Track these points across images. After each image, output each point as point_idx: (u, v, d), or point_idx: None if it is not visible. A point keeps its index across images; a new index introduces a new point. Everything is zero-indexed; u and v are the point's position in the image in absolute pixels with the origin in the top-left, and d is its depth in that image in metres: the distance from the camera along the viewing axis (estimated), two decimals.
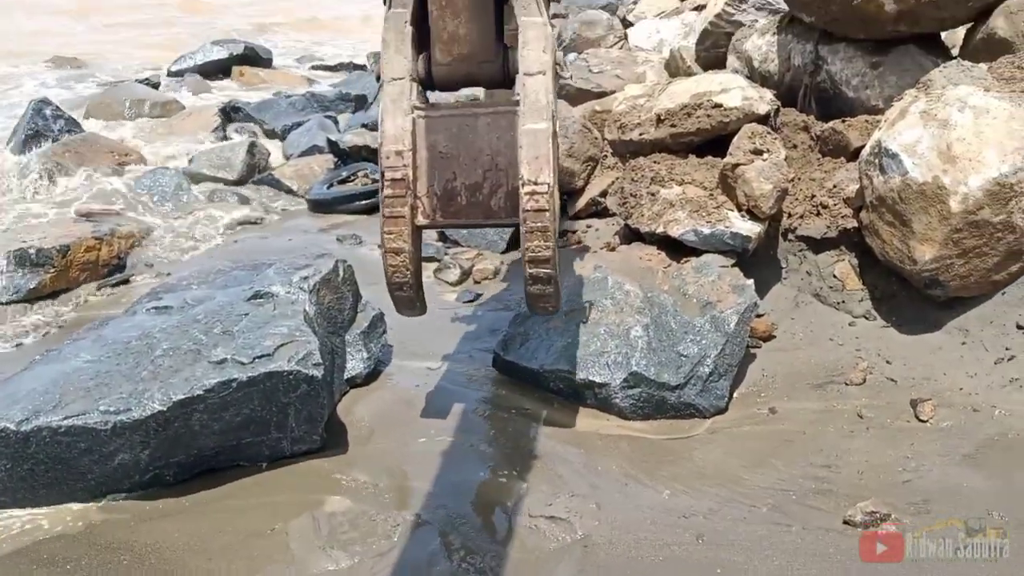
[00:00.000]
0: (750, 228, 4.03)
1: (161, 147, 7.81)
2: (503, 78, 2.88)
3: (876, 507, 2.79)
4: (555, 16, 3.05)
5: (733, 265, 3.96)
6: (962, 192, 3.53)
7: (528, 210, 2.59)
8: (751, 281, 3.82)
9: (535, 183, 2.57)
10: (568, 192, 5.58)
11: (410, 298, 2.87)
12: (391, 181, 2.70)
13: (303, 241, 5.64)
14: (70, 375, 3.22)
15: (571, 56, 9.87)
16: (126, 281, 5.23)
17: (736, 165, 4.09)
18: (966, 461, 3.05)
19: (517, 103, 2.67)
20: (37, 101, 7.36)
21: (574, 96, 7.81)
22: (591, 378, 3.61)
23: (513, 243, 5.32)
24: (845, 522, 2.79)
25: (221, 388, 3.12)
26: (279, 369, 3.18)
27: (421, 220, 2.81)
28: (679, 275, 3.94)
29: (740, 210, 4.10)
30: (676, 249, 4.08)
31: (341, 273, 3.95)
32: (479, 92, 4.05)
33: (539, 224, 2.59)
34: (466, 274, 5.07)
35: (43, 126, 7.16)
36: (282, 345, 3.28)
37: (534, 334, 3.86)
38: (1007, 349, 3.57)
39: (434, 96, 2.98)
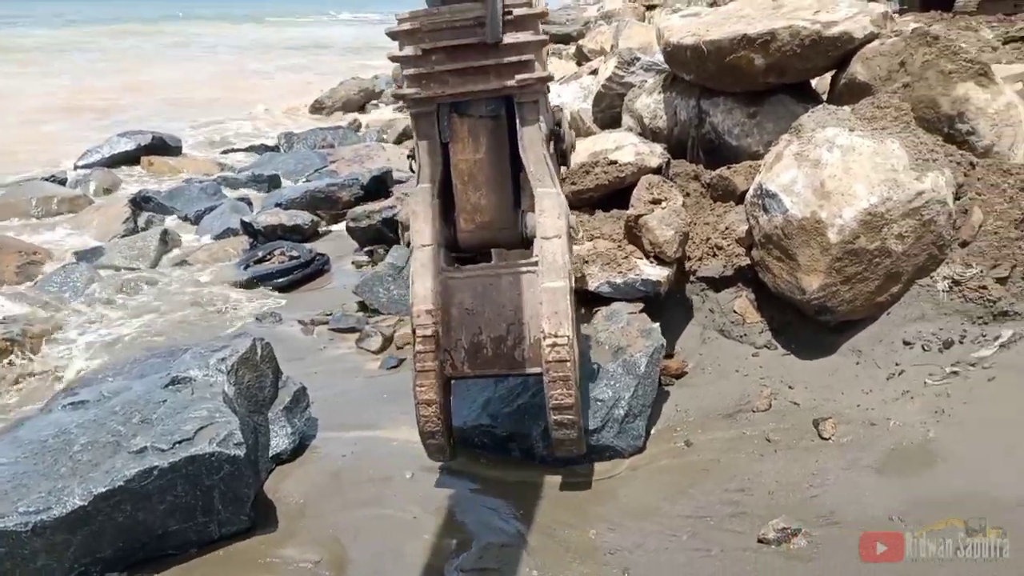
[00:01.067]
0: (659, 273, 4.24)
1: (70, 242, 7.71)
2: (519, 241, 3.14)
3: (787, 523, 2.95)
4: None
5: (641, 311, 4.16)
6: (838, 224, 3.83)
7: (551, 361, 2.81)
8: (657, 324, 4.01)
9: (556, 336, 2.80)
10: (482, 254, 5.75)
11: (440, 445, 3.08)
12: (422, 338, 2.94)
13: (220, 322, 5.63)
14: None
15: None
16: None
17: (639, 216, 4.32)
18: (866, 472, 3.24)
19: (535, 263, 2.93)
20: None
21: None
22: (511, 431, 3.71)
23: None
24: (759, 540, 2.94)
25: (142, 477, 3.11)
26: (200, 452, 3.19)
27: (450, 372, 3.04)
28: (591, 324, 4.11)
29: (647, 257, 4.32)
30: (590, 300, 4.26)
31: (259, 351, 3.98)
32: None
33: (561, 374, 2.81)
34: (388, 341, 5.14)
35: None
36: (202, 428, 3.29)
37: (455, 391, 3.90)
38: (897, 364, 3.83)
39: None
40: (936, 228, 3.90)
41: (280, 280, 6.31)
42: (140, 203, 8.46)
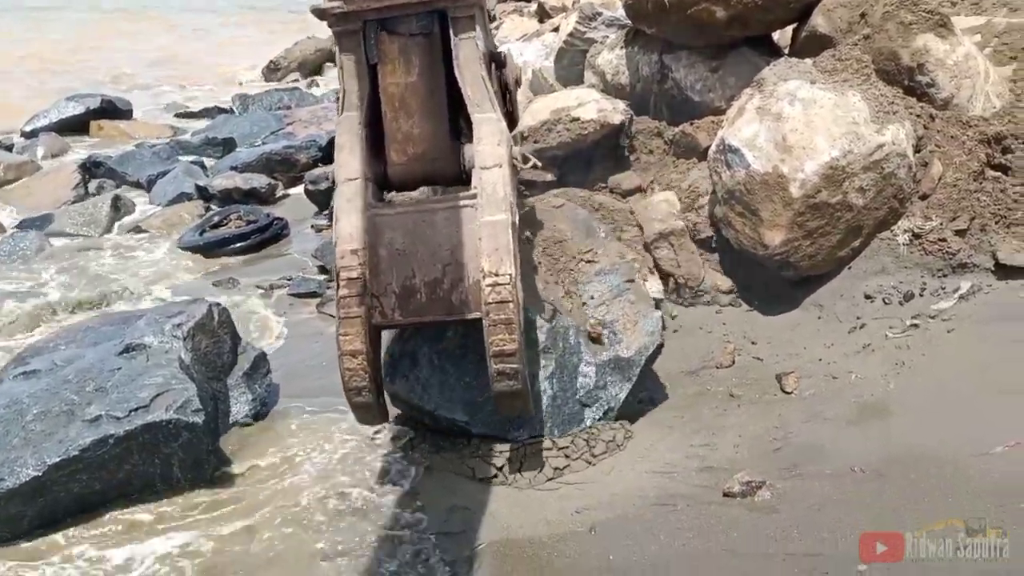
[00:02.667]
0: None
1: (19, 210, 7.44)
2: (458, 174, 2.90)
3: (751, 476, 2.97)
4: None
5: None
6: (800, 178, 3.83)
7: (491, 302, 2.59)
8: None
9: (496, 275, 2.59)
10: None
11: (368, 403, 2.83)
12: (346, 280, 2.69)
13: (177, 289, 5.49)
14: None
15: None
16: None
17: None
18: (828, 424, 3.28)
19: (474, 196, 2.69)
20: None
21: None
22: (486, 433, 3.41)
23: None
24: (725, 494, 2.96)
25: (97, 446, 3.04)
26: (157, 420, 3.13)
27: (379, 319, 2.79)
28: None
29: None
30: None
31: (216, 316, 3.89)
32: None
33: (502, 316, 2.58)
34: None
35: None
36: (158, 395, 3.23)
37: (424, 359, 3.48)
38: (858, 318, 3.86)
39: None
40: (896, 181, 3.91)
41: (237, 245, 6.16)
42: (90, 168, 8.17)
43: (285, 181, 7.65)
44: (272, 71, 14.70)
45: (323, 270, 5.56)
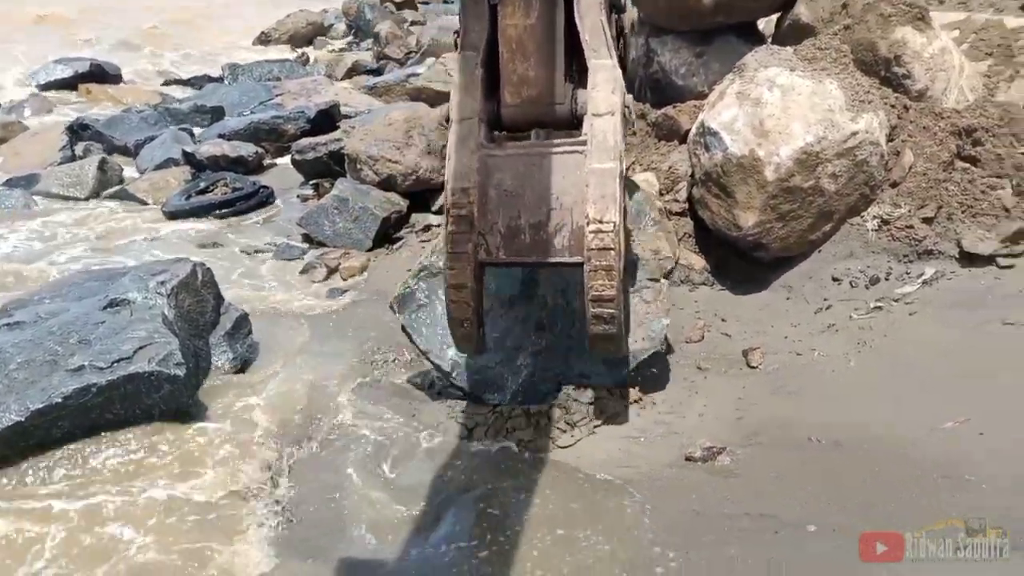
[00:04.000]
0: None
1: (5, 170, 7.45)
2: (571, 120, 2.89)
3: (712, 443, 3.10)
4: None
5: None
6: (775, 162, 3.93)
7: (593, 248, 2.62)
8: None
9: (600, 221, 2.61)
10: (430, 188, 5.75)
11: (469, 334, 2.89)
12: (456, 218, 2.76)
13: (163, 251, 5.54)
14: None
15: (429, 60, 10.09)
16: None
17: None
18: (791, 398, 3.40)
19: (584, 143, 2.71)
20: None
21: (434, 98, 8.03)
22: (470, 392, 3.59)
23: (380, 241, 5.44)
24: (687, 458, 3.08)
25: (80, 394, 3.11)
26: (139, 371, 3.20)
27: (484, 256, 2.83)
28: None
29: None
30: None
31: (200, 276, 3.96)
32: None
33: (604, 263, 2.62)
34: (332, 272, 5.14)
35: None
36: (141, 348, 3.30)
37: (438, 302, 3.56)
38: (825, 300, 3.98)
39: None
40: (868, 168, 4.02)
41: (223, 211, 6.22)
42: (77, 131, 8.19)
43: (272, 151, 7.70)
44: (262, 42, 14.64)
45: (307, 239, 5.63)
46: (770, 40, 5.12)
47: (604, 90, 2.73)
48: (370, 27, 14.46)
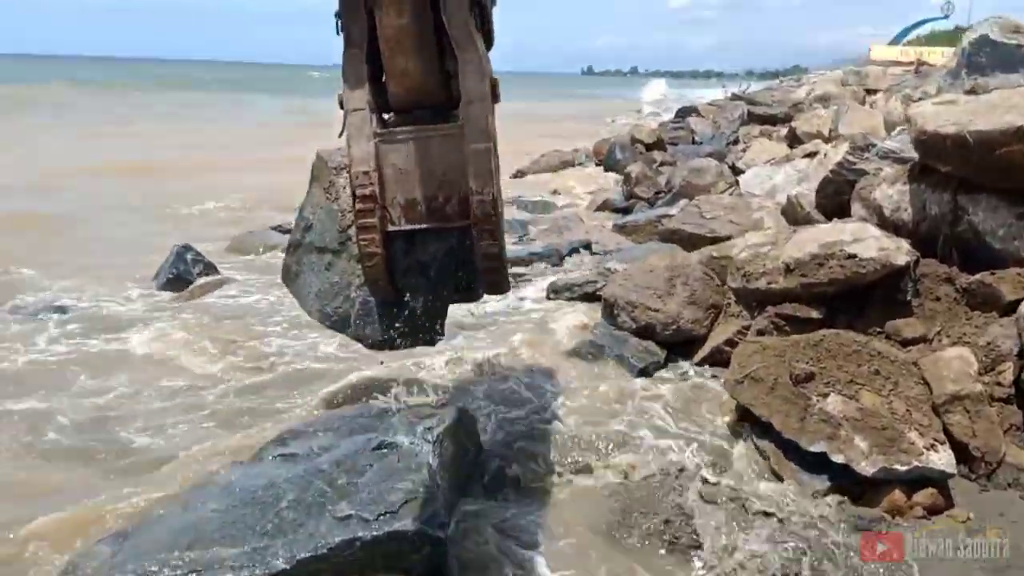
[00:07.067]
0: (947, 462, 3.51)
1: None
2: (449, 101, 3.35)
3: None
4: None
5: None
6: None
7: (478, 215, 3.24)
8: None
9: (481, 193, 3.21)
10: (690, 339, 5.44)
11: (385, 288, 3.55)
12: (361, 197, 3.31)
13: None
14: (197, 526, 3.18)
15: (681, 202, 9.96)
16: None
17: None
18: None
19: (462, 126, 3.21)
20: (180, 246, 7.81)
21: (686, 240, 7.80)
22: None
23: None
24: None
25: (345, 547, 3.02)
26: (404, 529, 3.07)
27: (390, 227, 3.39)
28: None
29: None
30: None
31: (465, 424, 3.88)
32: None
33: (488, 227, 3.27)
34: None
35: (183, 270, 7.56)
36: (407, 501, 3.18)
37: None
38: None
39: None
40: None
41: None
42: None
43: (515, 284, 7.76)
44: (517, 176, 15.39)
45: None
46: None
47: (474, 79, 3.18)
48: (619, 166, 14.79)
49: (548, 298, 6.85)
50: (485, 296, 3.86)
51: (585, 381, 5.07)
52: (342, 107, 3.33)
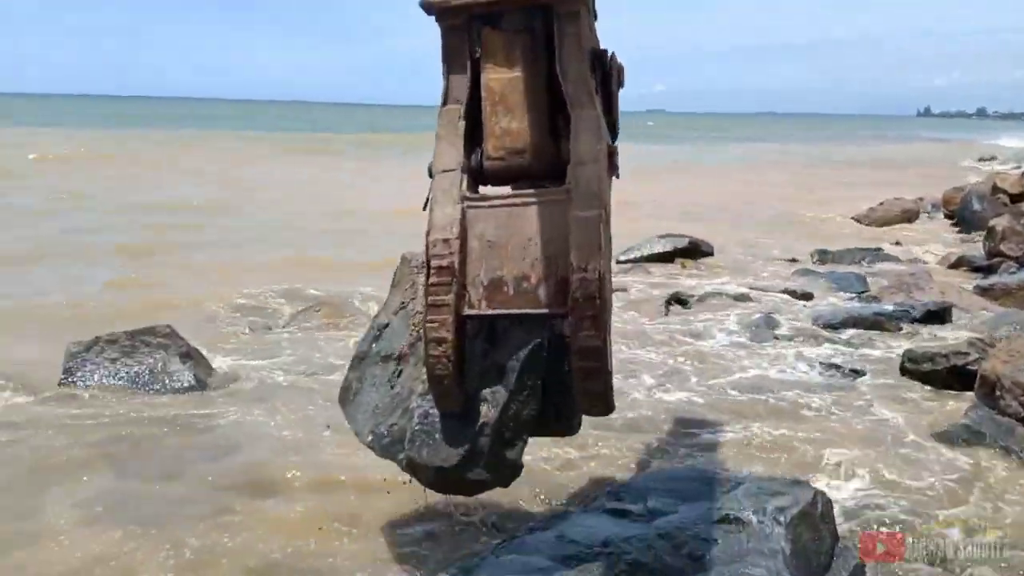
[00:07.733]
0: None
1: None
2: (555, 171, 2.80)
3: None
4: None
5: None
6: None
7: (577, 298, 2.52)
8: None
9: (584, 269, 2.53)
10: None
11: (449, 390, 2.78)
12: (437, 269, 2.70)
13: None
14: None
15: None
16: None
17: None
18: None
19: (568, 192, 2.64)
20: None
21: None
22: None
23: None
24: None
25: None
26: None
27: (467, 310, 2.73)
28: None
29: None
30: None
31: (820, 507, 3.42)
32: None
33: (589, 313, 2.52)
34: None
35: None
36: None
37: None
38: None
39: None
40: None
41: None
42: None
43: None
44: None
45: None
46: None
47: (586, 139, 2.67)
48: (976, 219, 13.06)
49: (904, 369, 6.02)
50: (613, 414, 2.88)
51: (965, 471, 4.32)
52: (431, 175, 2.85)
